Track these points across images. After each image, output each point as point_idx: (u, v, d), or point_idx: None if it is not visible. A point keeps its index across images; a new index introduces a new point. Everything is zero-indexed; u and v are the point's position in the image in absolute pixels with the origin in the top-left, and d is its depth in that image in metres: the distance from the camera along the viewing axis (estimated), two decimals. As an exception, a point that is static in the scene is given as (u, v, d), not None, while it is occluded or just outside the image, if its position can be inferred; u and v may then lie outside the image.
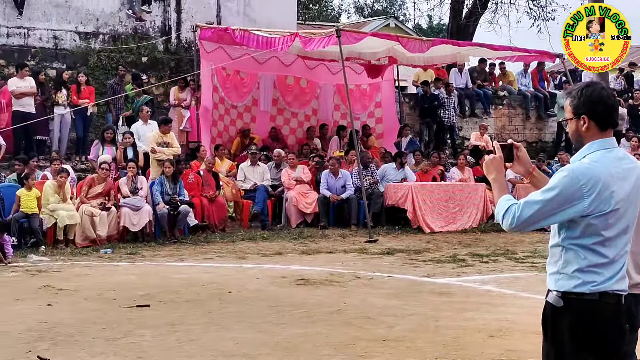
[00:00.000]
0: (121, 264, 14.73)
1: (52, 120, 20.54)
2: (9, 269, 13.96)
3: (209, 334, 9.14)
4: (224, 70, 22.36)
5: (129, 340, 8.85)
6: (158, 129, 18.67)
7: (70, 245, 16.36)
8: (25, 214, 16.11)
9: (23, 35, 22.88)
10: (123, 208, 17.07)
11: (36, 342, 8.81)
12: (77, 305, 10.81)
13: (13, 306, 10.79)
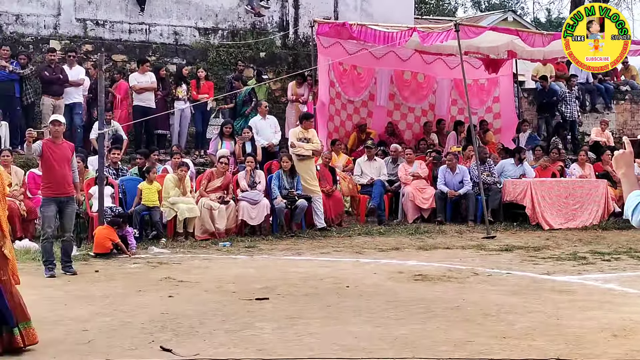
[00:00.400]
0: (239, 257, 14.86)
1: (172, 114, 20.89)
2: (131, 261, 14.24)
3: (327, 327, 9.14)
4: (341, 65, 22.38)
5: (249, 332, 8.91)
6: (300, 125, 18.59)
7: (190, 238, 16.60)
8: (147, 206, 16.42)
9: (144, 31, 23.34)
10: (241, 202, 17.23)
11: (158, 332, 8.95)
12: (198, 297, 10.94)
13: (135, 297, 10.99)
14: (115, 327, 9.23)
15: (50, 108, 19.35)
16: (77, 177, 13.18)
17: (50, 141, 12.81)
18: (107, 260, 14.28)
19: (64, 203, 12.73)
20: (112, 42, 22.92)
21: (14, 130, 19.18)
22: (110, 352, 8.16)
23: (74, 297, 11.05)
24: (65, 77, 19.66)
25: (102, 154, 15.74)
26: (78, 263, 13.50)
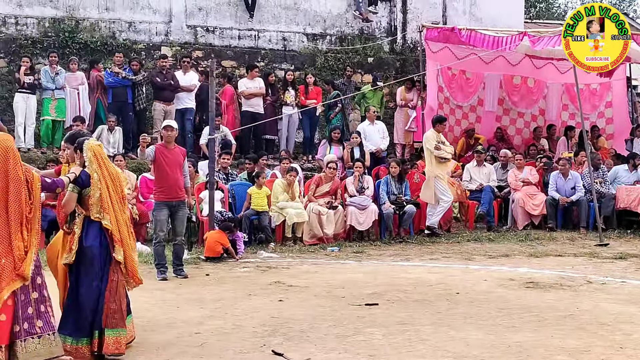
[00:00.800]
0: (348, 262, 14.84)
1: (280, 120, 21.02)
2: (240, 265, 14.36)
3: (438, 334, 9.05)
4: (450, 70, 22.21)
5: (359, 338, 8.89)
6: (432, 128, 18.45)
7: (298, 242, 16.65)
8: (256, 211, 16.54)
9: (253, 37, 23.55)
10: (349, 207, 17.22)
11: (269, 336, 8.99)
12: (307, 302, 10.96)
13: (246, 301, 11.07)
14: (227, 331, 9.31)
15: (162, 113, 19.68)
16: (188, 182, 13.36)
17: (163, 146, 13.00)
18: (217, 264, 14.43)
19: (175, 207, 12.91)
20: (221, 48, 23.18)
21: (126, 135, 19.57)
22: (222, 355, 8.24)
23: (186, 300, 11.19)
24: (176, 83, 19.95)
25: (212, 159, 15.92)
26: (189, 266, 13.67)
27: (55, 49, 20.52)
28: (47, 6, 21.91)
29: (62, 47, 21.13)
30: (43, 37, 21.46)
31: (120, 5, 22.49)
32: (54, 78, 19.30)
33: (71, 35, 21.46)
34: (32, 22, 21.66)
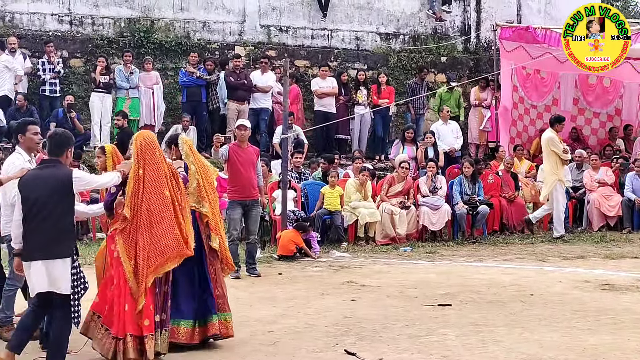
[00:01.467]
0: (420, 262, 14.79)
1: (353, 119, 21.00)
2: (313, 264, 14.40)
3: (512, 335, 8.98)
4: (524, 69, 21.95)
5: (432, 338, 8.86)
6: (551, 128, 18.18)
7: (371, 242, 16.63)
8: (328, 210, 16.56)
9: (326, 37, 23.56)
10: (422, 207, 17.15)
11: (342, 336, 9.01)
12: (380, 302, 10.96)
13: (319, 300, 11.10)
14: (300, 330, 9.35)
15: (235, 113, 19.79)
16: (261, 181, 13.43)
17: (237, 145, 13.09)
18: (290, 262, 14.49)
19: (249, 206, 12.99)
20: (294, 47, 23.23)
21: (200, 135, 19.74)
22: (295, 354, 8.28)
23: (259, 298, 11.26)
24: (249, 82, 20.07)
25: (285, 158, 15.99)
26: (262, 265, 13.75)
27: (131, 49, 20.75)
28: (122, 6, 22.17)
29: (137, 47, 21.37)
30: (119, 37, 21.72)
31: (194, 6, 22.66)
32: (128, 77, 19.56)
33: (146, 35, 21.69)
34: (108, 22, 21.94)
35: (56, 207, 7.43)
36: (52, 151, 7.70)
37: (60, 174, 7.51)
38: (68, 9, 21.73)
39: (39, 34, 21.20)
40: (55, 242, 7.41)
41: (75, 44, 21.40)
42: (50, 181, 7.45)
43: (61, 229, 7.44)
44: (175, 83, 21.13)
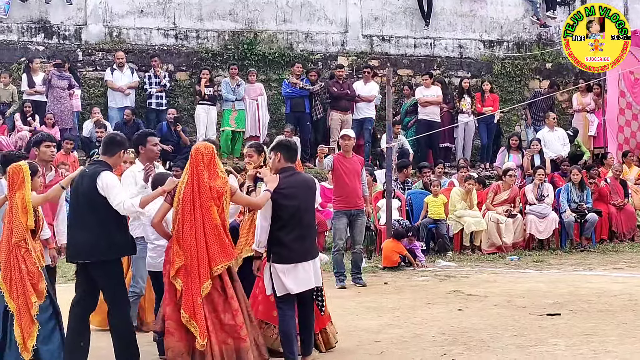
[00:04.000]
0: (528, 271, 14.60)
1: (457, 127, 20.86)
2: (418, 274, 14.32)
3: (624, 346, 8.77)
4: (632, 74, 21.47)
5: (542, 348, 8.71)
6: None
7: (477, 251, 16.48)
8: (433, 219, 16.46)
9: (429, 45, 23.46)
10: (529, 215, 16.93)
11: (450, 345, 8.93)
12: (487, 311, 10.84)
13: (426, 309, 11.03)
14: (407, 339, 9.30)
15: (339, 123, 19.85)
16: (366, 190, 13.43)
17: (341, 155, 13.11)
18: (395, 272, 14.44)
19: (354, 216, 12.98)
20: (397, 56, 23.18)
21: (304, 145, 19.83)
22: (402, 363, 8.23)
23: (365, 308, 11.24)
24: (352, 92, 20.11)
25: (389, 168, 15.95)
26: (367, 275, 13.74)
27: (235, 61, 21.01)
28: (226, 19, 22.45)
29: (241, 59, 21.61)
30: (223, 50, 22.00)
31: (297, 17, 22.82)
32: (234, 90, 19.78)
33: (250, 48, 21.92)
34: (213, 35, 22.24)
35: (311, 210, 8.40)
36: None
37: (309, 180, 8.56)
38: (173, 23, 22.11)
39: (145, 49, 21.62)
40: (315, 243, 8.48)
41: (181, 57, 21.76)
42: (304, 189, 8.28)
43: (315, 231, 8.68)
44: (278, 94, 21.29)
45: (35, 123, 18.77)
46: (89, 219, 7.78)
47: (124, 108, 19.58)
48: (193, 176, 7.82)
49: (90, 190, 7.76)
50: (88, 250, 7.80)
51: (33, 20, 21.37)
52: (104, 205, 7.74)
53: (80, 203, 7.87)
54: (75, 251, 7.96)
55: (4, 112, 19.20)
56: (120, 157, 8.12)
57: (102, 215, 7.76)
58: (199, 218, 7.72)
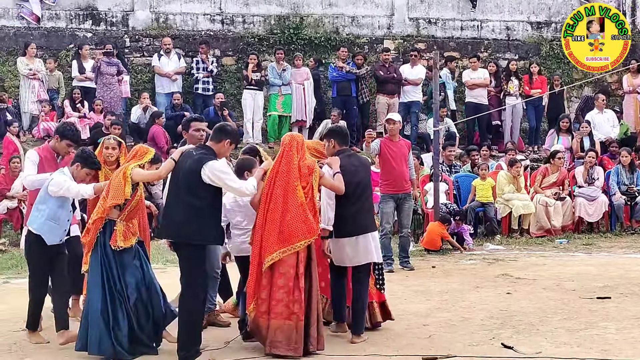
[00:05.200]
0: (577, 254, 14.48)
1: (504, 110, 20.71)
2: (466, 257, 14.28)
3: (676, 330, 8.69)
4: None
5: (592, 332, 8.66)
6: None
7: (525, 234, 16.38)
8: (481, 203, 16.38)
9: (476, 27, 23.30)
10: (578, 198, 16.78)
11: (499, 329, 8.90)
12: (536, 295, 10.78)
13: (473, 293, 11.00)
14: (455, 323, 9.28)
15: (385, 106, 19.81)
16: (413, 174, 13.38)
17: (388, 139, 13.07)
18: (443, 256, 14.41)
19: (401, 199, 12.95)
20: (444, 39, 23.05)
21: (350, 129, 19.76)
22: (451, 347, 8.22)
23: (413, 292, 11.23)
24: (399, 76, 20.04)
25: (437, 151, 15.88)
26: (415, 259, 13.71)
27: (281, 46, 21.04)
28: (272, 4, 22.47)
29: (287, 43, 21.63)
30: (269, 35, 22.04)
31: (343, 1, 22.76)
32: (280, 74, 19.80)
33: (296, 32, 21.92)
34: (259, 20, 22.28)
35: (370, 186, 8.88)
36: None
37: (365, 159, 9.18)
38: (219, 8, 22.19)
39: (191, 34, 21.72)
40: (373, 218, 8.86)
41: (227, 42, 21.84)
42: (363, 167, 8.85)
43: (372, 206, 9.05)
44: (325, 78, 21.26)
45: (84, 109, 18.98)
46: (186, 200, 7.86)
47: (171, 94, 19.72)
48: (282, 159, 8.24)
49: (192, 174, 7.83)
50: (178, 230, 7.93)
51: (81, 7, 21.58)
52: (203, 190, 7.82)
53: (180, 183, 7.94)
54: (167, 228, 8.14)
55: (52, 98, 19.42)
56: (225, 146, 8.14)
57: (198, 199, 7.83)
58: (284, 196, 8.08)
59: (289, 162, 8.18)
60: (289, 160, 8.18)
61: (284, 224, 7.98)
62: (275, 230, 7.98)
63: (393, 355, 7.97)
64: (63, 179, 8.38)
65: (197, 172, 7.78)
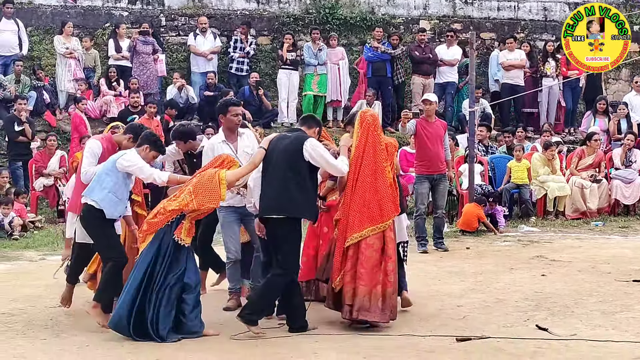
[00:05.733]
0: (613, 237, 14.41)
1: (541, 91, 20.55)
2: (501, 239, 14.23)
3: None
4: None
5: (627, 315, 8.62)
6: None
7: (560, 216, 16.29)
8: (516, 184, 16.31)
9: (513, 8, 23.11)
10: (614, 180, 16.66)
11: (533, 311, 8.88)
12: (571, 277, 10.74)
13: (507, 275, 10.97)
14: (489, 304, 9.27)
15: (420, 87, 19.74)
16: (449, 155, 13.34)
17: (424, 119, 13.03)
18: (477, 237, 14.37)
19: (436, 180, 12.92)
20: (480, 20, 22.88)
21: (385, 109, 19.75)
22: (485, 328, 8.20)
23: (447, 273, 11.22)
24: (434, 56, 19.95)
25: (472, 132, 15.81)
26: (449, 240, 13.69)
27: (317, 26, 20.98)
28: (308, -17, 22.44)
29: (322, 23, 21.55)
30: (304, 14, 21.96)
31: (379, -19, 22.69)
32: (316, 54, 19.76)
33: (331, 12, 21.84)
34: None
35: None
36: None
37: None
38: (255, -13, 22.19)
39: (227, 14, 21.71)
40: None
41: (262, 22, 21.80)
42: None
43: None
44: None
45: (120, 88, 19.05)
46: (287, 176, 8.12)
47: (207, 73, 19.72)
48: (367, 138, 8.40)
49: (293, 152, 8.13)
50: (279, 206, 8.12)
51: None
52: (303, 167, 8.16)
53: (278, 164, 8.15)
54: (267, 206, 8.23)
55: (88, 76, 19.51)
56: (315, 133, 8.44)
57: (299, 175, 8.15)
58: (373, 176, 8.33)
59: (375, 142, 8.39)
60: (376, 140, 8.40)
61: (374, 203, 8.25)
62: (363, 209, 8.24)
63: (427, 336, 7.96)
64: (137, 158, 8.40)
65: (298, 150, 8.11)
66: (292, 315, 8.29)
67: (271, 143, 8.30)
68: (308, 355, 7.45)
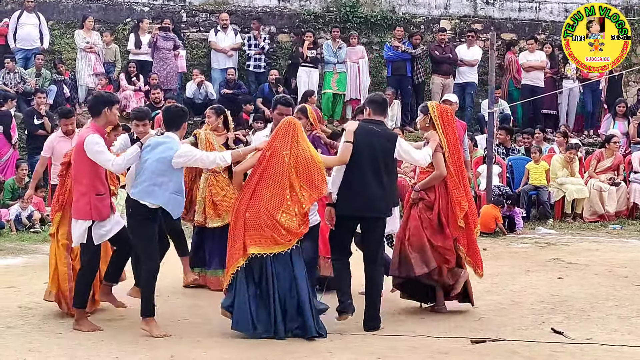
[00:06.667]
0: (631, 241, 14.36)
1: (561, 93, 20.49)
2: (518, 240, 14.20)
3: None
4: None
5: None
6: None
7: (578, 219, 16.24)
8: (534, 186, 16.27)
9: (534, 9, 23.04)
10: (633, 184, 16.60)
11: (549, 314, 8.87)
12: (588, 280, 10.71)
13: (524, 277, 10.96)
14: (505, 306, 9.26)
15: (440, 87, 19.72)
16: (467, 155, 13.34)
17: (442, 119, 12.99)
18: (494, 238, 14.34)
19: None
20: (501, 20, 22.82)
21: (404, 109, 19.75)
22: (500, 330, 8.20)
23: (463, 273, 11.17)
24: (454, 56, 19.93)
25: (491, 133, 15.78)
26: (465, 241, 13.62)
27: (337, 24, 20.98)
28: (329, -18, 22.43)
29: (343, 21, 21.55)
30: (325, 12, 21.96)
31: (399, -20, 22.67)
32: (336, 52, 19.76)
33: (352, 10, 21.83)
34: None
35: None
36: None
37: None
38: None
39: (248, 10, 21.74)
40: None
41: (283, 19, 21.82)
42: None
43: None
44: (380, 57, 21.20)
45: (139, 83, 19.11)
46: (379, 176, 8.28)
47: (227, 69, 19.75)
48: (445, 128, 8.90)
49: (389, 152, 8.33)
50: (373, 205, 8.27)
51: (139, -20, 21.69)
52: (393, 165, 8.51)
53: (373, 160, 8.22)
54: (360, 205, 8.25)
55: (108, 71, 19.58)
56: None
57: (391, 174, 8.45)
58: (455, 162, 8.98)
59: (450, 132, 8.95)
60: (450, 129, 8.94)
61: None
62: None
63: (442, 337, 7.97)
64: (190, 149, 8.31)
65: (392, 148, 8.35)
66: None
67: (358, 137, 8.21)
68: (323, 354, 7.46)
